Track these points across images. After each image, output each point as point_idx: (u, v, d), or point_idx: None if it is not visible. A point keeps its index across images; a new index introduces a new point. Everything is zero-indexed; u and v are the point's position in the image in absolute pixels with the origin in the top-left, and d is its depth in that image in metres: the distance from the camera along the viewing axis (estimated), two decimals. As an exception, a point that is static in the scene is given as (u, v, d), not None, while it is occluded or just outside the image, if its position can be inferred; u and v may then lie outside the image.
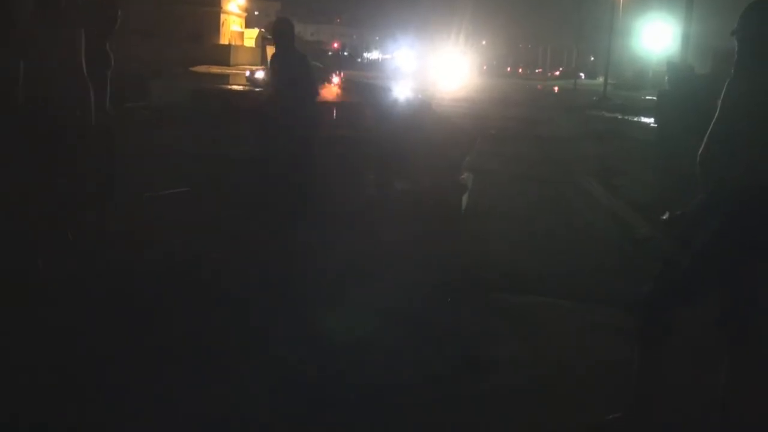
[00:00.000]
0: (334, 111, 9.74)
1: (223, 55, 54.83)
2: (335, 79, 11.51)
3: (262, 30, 65.46)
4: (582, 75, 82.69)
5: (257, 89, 23.26)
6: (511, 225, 9.74)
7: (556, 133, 23.28)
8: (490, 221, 9.78)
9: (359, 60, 70.19)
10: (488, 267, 7.59)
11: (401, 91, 12.40)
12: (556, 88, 65.53)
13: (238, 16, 68.83)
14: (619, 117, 31.78)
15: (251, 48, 63.73)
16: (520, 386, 4.91)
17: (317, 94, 8.40)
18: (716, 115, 4.09)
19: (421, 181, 9.38)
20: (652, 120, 28.37)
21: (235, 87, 20.04)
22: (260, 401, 4.39)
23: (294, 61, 8.16)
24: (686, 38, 23.50)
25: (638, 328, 4.34)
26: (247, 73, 36.17)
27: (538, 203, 11.35)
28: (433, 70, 58.99)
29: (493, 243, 8.73)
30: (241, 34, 68.04)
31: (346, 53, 70.80)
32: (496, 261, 7.87)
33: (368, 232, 8.19)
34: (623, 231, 9.81)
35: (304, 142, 7.97)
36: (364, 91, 10.51)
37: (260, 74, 33.29)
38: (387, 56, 76.24)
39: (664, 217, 4.41)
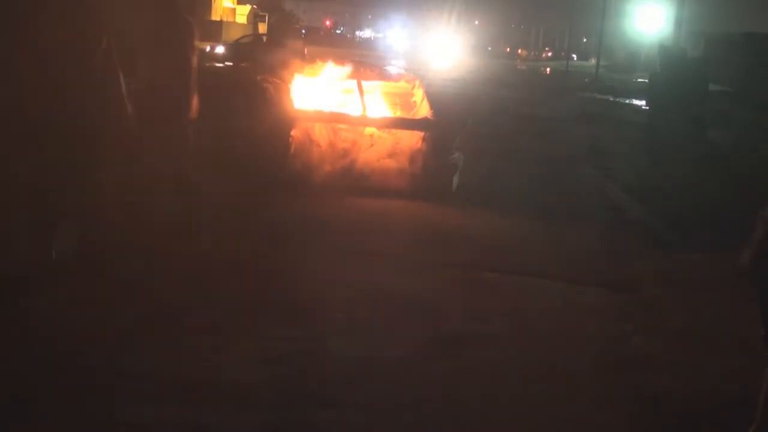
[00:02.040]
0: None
1: (215, 31, 54.56)
2: None
3: (254, 7, 65.11)
4: (574, 56, 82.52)
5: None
6: (500, 204, 9.79)
7: (548, 114, 23.27)
8: (480, 199, 9.83)
9: (350, 38, 69.90)
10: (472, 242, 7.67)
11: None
12: (547, 70, 65.40)
13: (230, -9, 68.40)
14: (611, 99, 31.78)
15: (243, 24, 63.37)
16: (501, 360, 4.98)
17: None
18: None
19: (415, 161, 9.46)
20: (643, 102, 28.45)
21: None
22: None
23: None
24: (678, 21, 23.54)
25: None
26: (207, 49, 35.53)
27: (528, 183, 11.38)
28: (425, 50, 58.80)
29: (480, 219, 8.83)
30: (233, 10, 67.64)
31: (339, 31, 70.61)
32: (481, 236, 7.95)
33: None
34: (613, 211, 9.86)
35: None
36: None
37: (220, 49, 33.00)
38: (379, 35, 75.97)
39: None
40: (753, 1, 47.13)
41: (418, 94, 10.32)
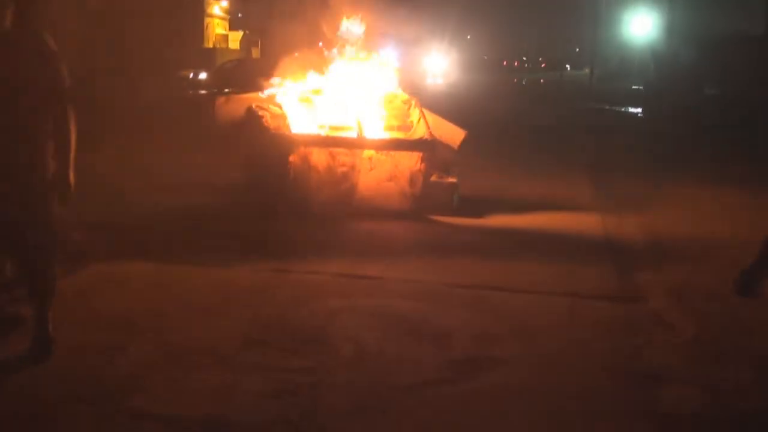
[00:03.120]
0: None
1: (208, 58, 54.60)
2: None
3: (247, 32, 65.27)
4: (567, 66, 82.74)
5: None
6: (502, 221, 9.76)
7: (545, 125, 23.30)
8: (481, 216, 9.82)
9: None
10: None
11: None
12: (542, 80, 65.55)
13: (222, 18, 68.64)
14: (607, 108, 31.82)
15: (236, 50, 63.51)
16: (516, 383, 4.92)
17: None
18: None
19: (415, 183, 9.44)
20: (639, 110, 28.54)
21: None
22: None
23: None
24: (670, 27, 23.61)
25: None
26: (190, 75, 35.42)
27: (530, 197, 11.34)
28: (417, 68, 58.89)
29: (482, 237, 8.83)
30: (226, 36, 67.88)
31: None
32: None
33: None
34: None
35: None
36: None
37: (203, 76, 32.90)
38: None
39: None
40: (741, 3, 47.18)
41: (415, 114, 10.31)
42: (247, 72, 34.81)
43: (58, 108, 4.91)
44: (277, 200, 9.18)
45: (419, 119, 10.13)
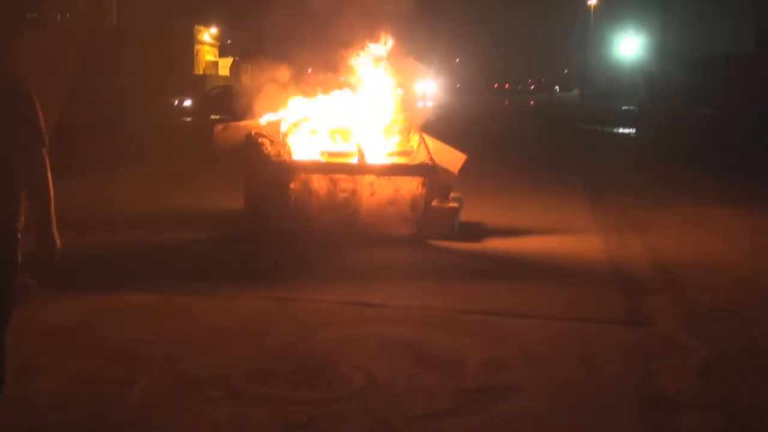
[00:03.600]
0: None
1: (198, 84, 54.67)
2: None
3: (236, 58, 65.36)
4: (557, 88, 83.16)
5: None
6: (502, 244, 9.71)
7: (539, 146, 23.33)
8: (481, 239, 9.77)
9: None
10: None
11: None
12: (531, 102, 65.80)
13: (212, 45, 68.79)
14: (599, 129, 31.89)
15: (225, 77, 63.60)
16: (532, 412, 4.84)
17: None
18: None
19: (416, 207, 9.39)
20: (632, 130, 28.61)
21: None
22: None
23: None
24: (660, 48, 23.71)
25: None
26: (175, 102, 35.34)
27: (530, 220, 11.30)
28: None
29: (484, 262, 8.79)
30: (216, 63, 67.99)
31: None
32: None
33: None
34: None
35: None
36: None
37: (188, 103, 32.84)
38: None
39: None
40: (729, 23, 47.50)
41: (415, 139, 10.28)
42: (232, 98, 34.85)
43: (33, 154, 4.08)
44: (278, 227, 9.12)
45: (419, 144, 10.10)
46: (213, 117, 27.50)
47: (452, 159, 10.27)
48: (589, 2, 58.62)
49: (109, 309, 6.64)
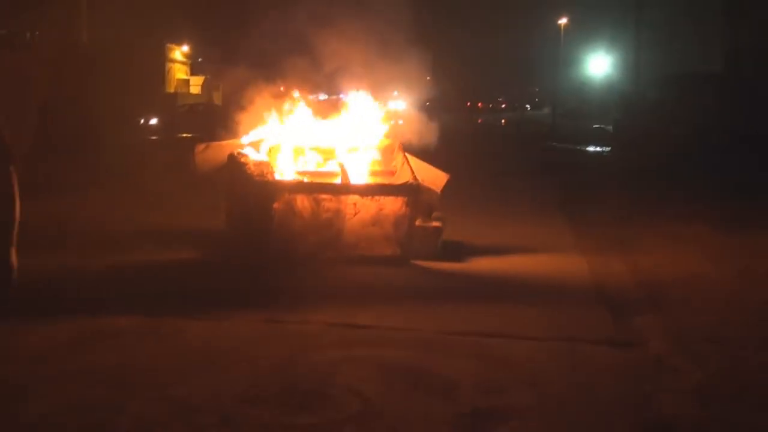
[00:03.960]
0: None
1: (170, 103, 54.41)
2: None
3: (208, 77, 65.16)
4: (528, 106, 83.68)
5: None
6: (485, 262, 9.68)
7: (510, 167, 23.41)
8: (465, 258, 9.78)
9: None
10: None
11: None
12: (503, 120, 66.12)
13: (183, 63, 68.52)
14: (572, 147, 32.07)
15: (197, 95, 63.33)
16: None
17: None
18: None
19: (399, 227, 9.35)
20: (605, 148, 28.81)
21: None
22: None
23: None
24: (631, 67, 23.91)
25: None
26: (141, 121, 35.03)
27: (511, 239, 11.30)
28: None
29: (469, 282, 8.73)
30: (187, 81, 67.70)
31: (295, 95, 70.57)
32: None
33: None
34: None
35: None
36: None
37: (154, 121, 32.59)
38: (332, 97, 76.00)
39: None
40: (698, 41, 48.06)
41: (399, 159, 10.25)
42: (198, 117, 34.56)
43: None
44: (261, 247, 9.04)
45: (403, 163, 10.07)
46: (183, 136, 27.39)
47: (435, 178, 10.24)
48: (559, 21, 59.15)
49: (96, 332, 6.51)
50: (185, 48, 68.13)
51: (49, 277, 8.25)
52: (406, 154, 10.31)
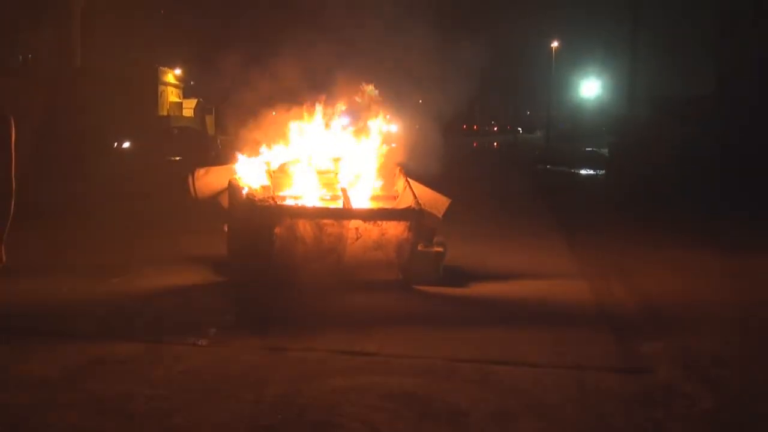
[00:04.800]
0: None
1: (163, 126, 54.37)
2: None
3: (200, 100, 65.16)
4: (520, 129, 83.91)
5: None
6: (489, 288, 9.62)
7: (508, 191, 23.39)
8: (467, 283, 9.71)
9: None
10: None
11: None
12: (495, 144, 66.19)
13: (176, 86, 68.57)
14: (566, 170, 32.05)
15: (190, 118, 63.31)
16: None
17: None
18: None
19: (401, 252, 9.29)
20: (599, 171, 28.83)
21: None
22: None
23: None
24: (630, 90, 23.95)
25: None
26: (114, 144, 34.77)
27: (510, 265, 11.24)
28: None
29: (473, 308, 8.67)
30: (180, 104, 67.71)
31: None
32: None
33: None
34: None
35: None
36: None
37: (127, 144, 32.36)
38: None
39: None
40: (691, 64, 48.28)
41: (400, 183, 10.20)
42: (181, 140, 34.31)
43: None
44: (263, 272, 8.97)
45: (405, 188, 10.02)
46: (173, 158, 27.27)
47: (436, 203, 10.18)
48: (551, 45, 59.45)
49: (97, 360, 6.41)
50: (178, 71, 68.18)
51: (49, 303, 8.17)
52: (408, 178, 10.25)
